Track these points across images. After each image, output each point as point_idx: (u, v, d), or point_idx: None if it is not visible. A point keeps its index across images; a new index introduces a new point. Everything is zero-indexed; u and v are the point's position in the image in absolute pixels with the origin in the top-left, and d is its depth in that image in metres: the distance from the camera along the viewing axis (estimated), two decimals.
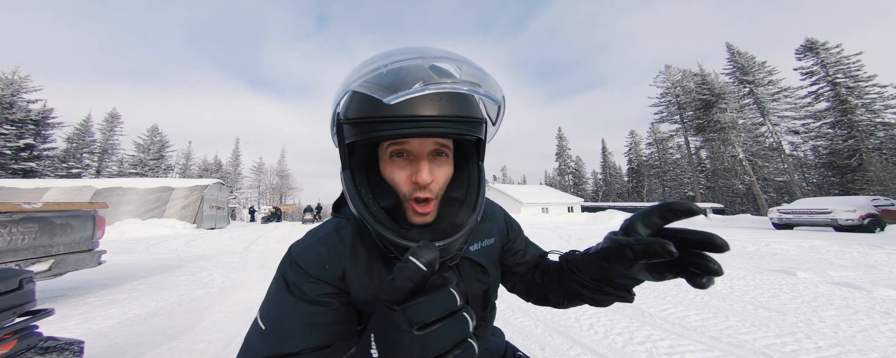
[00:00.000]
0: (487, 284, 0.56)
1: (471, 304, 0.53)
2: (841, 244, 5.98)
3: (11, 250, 2.59)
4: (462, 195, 0.49)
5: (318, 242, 0.49)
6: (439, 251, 0.45)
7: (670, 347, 1.94)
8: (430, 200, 0.45)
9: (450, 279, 0.32)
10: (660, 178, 38.57)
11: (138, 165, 33.11)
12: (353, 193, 0.45)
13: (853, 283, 3.25)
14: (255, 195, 44.45)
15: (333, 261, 0.47)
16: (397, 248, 0.44)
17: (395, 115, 0.39)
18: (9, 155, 23.31)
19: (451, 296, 0.30)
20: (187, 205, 14.43)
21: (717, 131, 24.97)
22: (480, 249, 0.57)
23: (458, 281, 0.53)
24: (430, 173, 0.44)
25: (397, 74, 0.37)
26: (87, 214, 3.19)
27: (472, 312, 0.34)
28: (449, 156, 0.48)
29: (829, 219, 9.37)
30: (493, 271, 0.59)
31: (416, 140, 0.44)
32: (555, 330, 2.23)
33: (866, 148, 20.45)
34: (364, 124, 0.41)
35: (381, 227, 0.43)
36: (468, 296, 0.53)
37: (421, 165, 0.43)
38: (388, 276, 0.47)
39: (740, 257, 4.88)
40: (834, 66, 22.59)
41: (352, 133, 0.43)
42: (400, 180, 0.45)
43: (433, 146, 0.45)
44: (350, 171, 0.46)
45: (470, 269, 0.55)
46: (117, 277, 4.17)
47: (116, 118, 33.80)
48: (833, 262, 4.41)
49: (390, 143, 0.45)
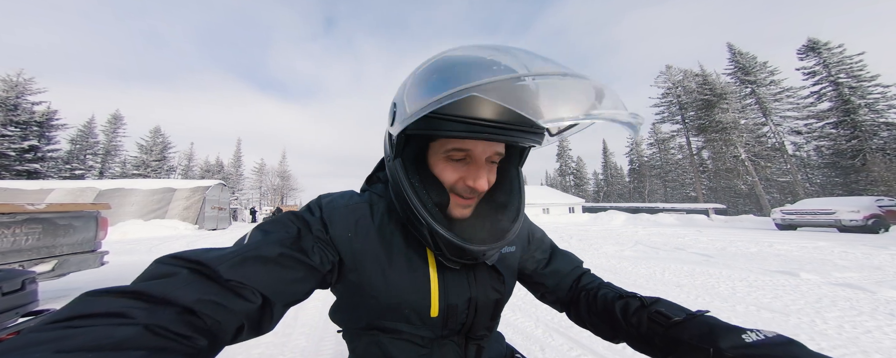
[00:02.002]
0: (502, 294, 0.55)
1: (480, 311, 0.52)
2: (845, 245, 5.94)
3: (15, 251, 2.61)
4: (505, 200, 0.51)
5: (349, 208, 0.50)
6: (487, 253, 0.46)
7: None
8: (474, 198, 0.48)
9: None
10: (661, 178, 38.44)
11: (141, 167, 33.29)
12: (406, 184, 0.45)
13: (857, 284, 3.22)
14: (257, 196, 44.60)
15: (357, 233, 0.48)
16: (446, 244, 0.45)
17: (477, 118, 0.37)
18: (13, 156, 23.51)
19: None
20: (189, 206, 14.50)
21: (718, 131, 24.87)
22: (500, 257, 0.55)
23: (473, 284, 0.52)
24: (487, 181, 0.45)
25: (514, 84, 0.35)
26: (90, 214, 3.21)
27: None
28: (496, 162, 0.48)
29: (832, 220, 9.31)
30: (510, 282, 0.57)
31: (481, 145, 0.44)
32: (555, 330, 2.23)
33: (870, 148, 20.32)
34: (444, 121, 0.39)
35: (434, 222, 0.44)
36: (478, 303, 0.52)
37: (480, 172, 0.45)
38: (418, 266, 0.48)
39: (742, 258, 4.85)
40: (836, 66, 22.48)
41: (421, 126, 0.41)
42: (453, 180, 0.46)
43: (493, 153, 0.45)
44: (402, 161, 0.46)
45: (487, 275, 0.53)
46: (120, 278, 4.19)
47: (119, 120, 34.03)
48: (837, 263, 4.37)
49: (454, 143, 0.44)
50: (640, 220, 15.55)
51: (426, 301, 0.49)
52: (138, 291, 0.30)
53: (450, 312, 0.50)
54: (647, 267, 4.32)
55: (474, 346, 0.54)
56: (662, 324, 0.44)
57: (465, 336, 0.53)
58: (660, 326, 0.44)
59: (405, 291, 0.48)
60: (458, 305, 0.50)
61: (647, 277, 3.81)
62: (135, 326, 0.26)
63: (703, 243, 6.75)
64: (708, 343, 0.37)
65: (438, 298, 0.49)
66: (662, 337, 0.43)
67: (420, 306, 0.49)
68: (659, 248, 6.22)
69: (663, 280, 3.62)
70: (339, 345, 2.11)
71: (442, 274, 0.50)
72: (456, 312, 0.51)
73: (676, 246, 6.41)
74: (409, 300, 0.48)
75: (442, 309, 0.49)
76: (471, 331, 0.53)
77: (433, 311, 0.49)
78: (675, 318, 0.43)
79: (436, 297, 0.49)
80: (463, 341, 0.53)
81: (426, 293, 0.49)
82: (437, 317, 0.49)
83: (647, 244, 6.73)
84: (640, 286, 3.36)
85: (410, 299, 0.48)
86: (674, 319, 0.43)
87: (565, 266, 0.63)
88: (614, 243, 7.00)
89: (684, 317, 0.43)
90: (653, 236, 8.44)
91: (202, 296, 0.31)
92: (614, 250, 6.01)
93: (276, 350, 2.02)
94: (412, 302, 0.48)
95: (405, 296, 0.48)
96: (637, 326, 0.47)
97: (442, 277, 0.50)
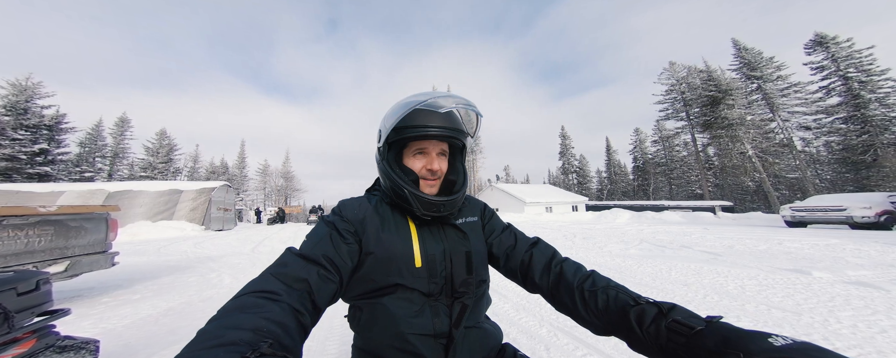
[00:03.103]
0: (468, 247, 0.71)
1: (455, 262, 0.68)
2: (857, 242, 5.82)
3: (29, 252, 2.67)
4: (455, 177, 0.76)
5: (356, 201, 0.75)
6: (444, 204, 0.69)
7: None
8: (436, 179, 0.73)
9: None
10: (666, 175, 38.02)
11: (148, 169, 33.77)
12: (393, 173, 0.69)
13: (871, 282, 3.16)
14: (261, 197, 45.00)
15: (361, 212, 0.71)
16: (420, 200, 0.67)
17: (425, 125, 0.67)
18: (24, 160, 23.97)
19: None
20: (196, 207, 14.68)
21: (724, 128, 24.53)
22: (464, 223, 0.77)
23: (444, 240, 0.71)
24: (438, 164, 0.72)
25: (429, 104, 0.67)
26: (101, 216, 3.27)
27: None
28: (446, 155, 0.75)
29: (844, 216, 9.13)
30: (475, 240, 0.74)
31: (432, 143, 0.71)
32: (560, 330, 2.21)
33: (881, 143, 19.90)
34: (405, 130, 0.68)
35: (412, 188, 0.68)
36: (452, 254, 0.69)
37: (433, 160, 0.71)
38: (402, 227, 0.70)
39: (751, 256, 4.78)
40: (845, 61, 22.04)
41: (396, 136, 0.69)
42: (418, 167, 0.71)
43: (440, 149, 0.72)
44: (388, 161, 0.71)
45: (454, 234, 0.73)
46: (130, 279, 4.26)
47: (127, 123, 34.53)
48: (849, 260, 4.29)
49: (416, 145, 0.71)
50: (644, 218, 15.39)
51: (410, 251, 0.66)
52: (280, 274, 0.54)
53: (429, 261, 0.66)
54: (652, 265, 4.28)
55: (459, 304, 0.66)
56: (685, 334, 0.44)
57: (451, 295, 0.66)
58: (682, 337, 0.44)
59: (394, 245, 0.66)
60: (435, 254, 0.67)
61: (653, 275, 3.77)
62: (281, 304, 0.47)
63: (709, 241, 6.65)
64: (735, 348, 0.37)
65: (419, 250, 0.66)
66: (685, 347, 0.43)
67: (406, 257, 0.65)
68: (664, 246, 6.15)
69: (670, 278, 3.58)
70: (343, 345, 2.12)
71: (421, 232, 0.70)
72: (434, 261, 0.66)
73: (682, 244, 6.33)
74: (398, 253, 0.65)
75: (423, 259, 0.66)
76: (453, 286, 0.66)
77: (417, 261, 0.65)
78: (697, 327, 0.44)
79: (417, 248, 0.67)
80: (450, 302, 0.66)
81: (409, 246, 0.66)
82: (422, 268, 0.65)
83: (652, 242, 6.66)
84: (646, 285, 3.33)
85: (399, 251, 0.65)
86: (696, 328, 0.44)
87: (525, 243, 0.77)
88: (619, 241, 6.93)
89: (704, 324, 0.44)
90: (658, 234, 8.35)
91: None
92: (619, 249, 5.96)
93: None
94: (400, 253, 0.65)
95: (395, 249, 0.65)
96: (656, 336, 0.47)
97: (421, 234, 0.69)
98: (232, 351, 0.35)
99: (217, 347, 0.36)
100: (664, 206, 20.28)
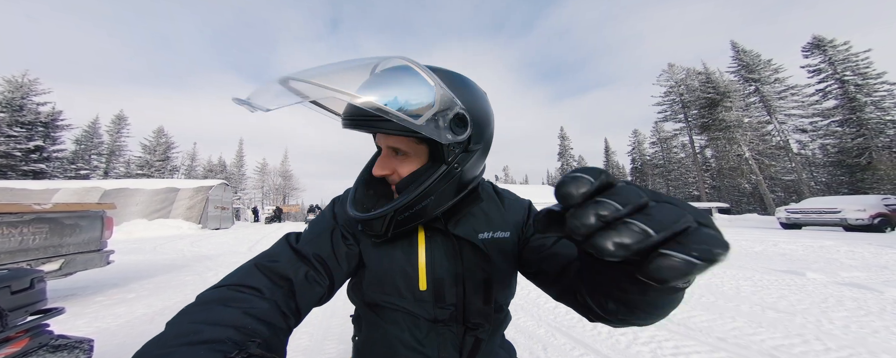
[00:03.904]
0: (488, 274, 0.55)
1: (468, 288, 0.53)
2: (851, 244, 5.88)
3: (23, 250, 2.64)
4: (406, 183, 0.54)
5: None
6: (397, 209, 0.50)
7: (675, 347, 1.93)
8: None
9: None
10: (664, 177, 38.22)
11: (145, 167, 33.54)
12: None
13: (864, 284, 3.19)
14: (259, 196, 44.81)
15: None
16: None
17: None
18: (19, 157, 23.74)
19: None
20: (193, 205, 14.59)
21: (722, 130, 24.66)
22: (490, 239, 0.57)
23: (460, 262, 0.54)
24: (383, 167, 0.54)
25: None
26: (96, 214, 3.24)
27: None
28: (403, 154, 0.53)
29: (838, 218, 9.22)
30: (500, 263, 0.56)
31: (378, 138, 0.57)
32: (557, 330, 2.22)
33: (876, 146, 20.08)
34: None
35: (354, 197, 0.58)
36: (465, 279, 0.53)
37: (381, 161, 0.55)
38: (407, 236, 0.56)
39: (747, 257, 4.82)
40: (842, 64, 22.22)
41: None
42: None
43: (385, 145, 0.55)
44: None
45: (472, 253, 0.55)
46: (125, 277, 4.23)
47: (123, 120, 34.27)
48: (843, 262, 4.34)
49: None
50: None
51: (414, 272, 0.53)
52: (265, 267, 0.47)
53: (437, 286, 0.53)
54: None
55: (472, 337, 0.53)
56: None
57: (463, 324, 0.53)
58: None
59: (394, 260, 0.54)
60: (444, 279, 0.53)
61: None
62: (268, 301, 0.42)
63: None
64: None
65: (425, 271, 0.53)
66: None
67: (408, 277, 0.53)
68: None
69: None
70: (342, 344, 2.12)
71: (430, 250, 0.55)
72: (443, 286, 0.53)
73: None
74: (398, 270, 0.53)
75: (430, 282, 0.53)
76: (466, 316, 0.53)
77: (422, 283, 0.53)
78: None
79: (423, 269, 0.53)
80: (461, 331, 0.53)
81: (414, 265, 0.53)
82: (427, 291, 0.53)
83: None
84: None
85: (399, 269, 0.53)
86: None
87: (572, 253, 0.58)
88: None
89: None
90: None
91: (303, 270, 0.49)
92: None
93: None
94: (401, 272, 0.53)
95: (394, 265, 0.53)
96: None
97: (430, 251, 0.54)
98: (212, 350, 0.30)
99: (196, 344, 0.30)
100: None
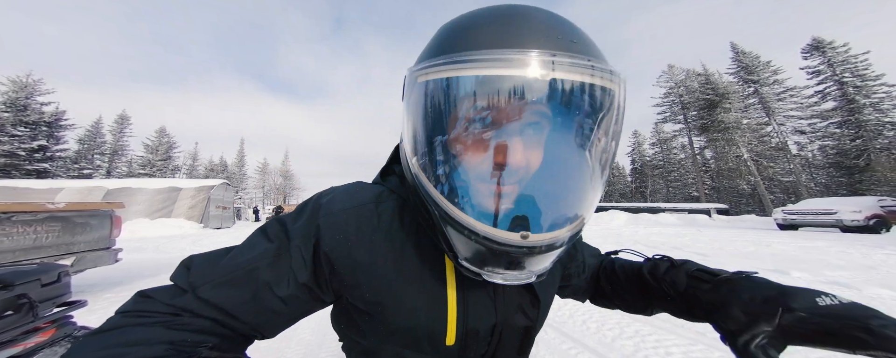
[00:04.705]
0: (533, 321, 0.43)
1: (505, 341, 0.42)
2: (844, 245, 5.97)
3: (36, 248, 2.76)
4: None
5: (348, 213, 0.40)
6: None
7: (657, 341, 2.03)
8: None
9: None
10: (663, 178, 38.26)
11: (147, 166, 33.72)
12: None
13: (846, 282, 3.29)
14: (260, 195, 44.99)
15: (358, 239, 0.39)
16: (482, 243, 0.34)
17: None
18: (23, 156, 23.92)
19: None
20: (194, 205, 14.72)
21: (721, 131, 24.73)
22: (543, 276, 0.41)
23: (499, 306, 0.41)
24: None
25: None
26: (105, 213, 3.36)
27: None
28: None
29: (834, 219, 9.31)
30: (546, 306, 0.46)
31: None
32: (548, 325, 2.33)
33: (874, 148, 20.14)
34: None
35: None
36: (504, 329, 0.41)
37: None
38: (422, 272, 0.39)
39: (736, 258, 4.92)
40: (841, 66, 22.29)
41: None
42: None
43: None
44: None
45: (516, 295, 0.42)
46: (130, 275, 4.35)
47: (126, 120, 34.47)
48: (831, 262, 4.43)
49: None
50: (641, 219, 15.55)
51: (441, 325, 0.39)
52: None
53: (469, 339, 0.40)
54: None
55: None
56: (707, 281, 0.41)
57: None
58: (705, 283, 0.41)
59: (416, 312, 0.39)
60: (479, 330, 0.40)
61: None
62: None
63: (701, 243, 6.80)
64: (775, 303, 0.34)
65: (457, 322, 0.39)
66: (708, 295, 0.39)
67: (433, 331, 0.39)
68: (657, 247, 6.29)
69: None
70: None
71: (462, 292, 0.40)
72: (476, 339, 0.40)
73: (675, 245, 6.47)
74: (420, 323, 0.39)
75: (460, 335, 0.39)
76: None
77: (449, 338, 0.39)
78: (721, 275, 0.40)
79: (453, 320, 0.39)
80: None
81: (442, 315, 0.39)
82: (454, 345, 0.39)
83: (645, 244, 6.80)
84: None
85: (422, 322, 0.39)
86: (721, 275, 0.40)
87: (594, 265, 0.61)
88: (614, 244, 7.07)
89: (732, 274, 0.40)
90: (652, 236, 8.50)
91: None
92: (611, 250, 6.11)
93: (282, 343, 2.14)
94: (424, 325, 0.39)
95: (416, 318, 0.39)
96: (672, 284, 0.44)
97: (462, 295, 0.40)
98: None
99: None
100: (661, 208, 20.44)
